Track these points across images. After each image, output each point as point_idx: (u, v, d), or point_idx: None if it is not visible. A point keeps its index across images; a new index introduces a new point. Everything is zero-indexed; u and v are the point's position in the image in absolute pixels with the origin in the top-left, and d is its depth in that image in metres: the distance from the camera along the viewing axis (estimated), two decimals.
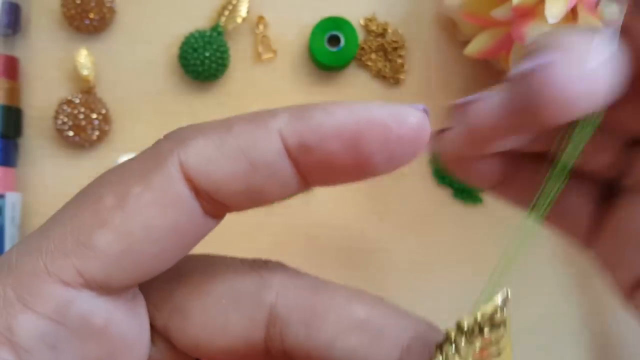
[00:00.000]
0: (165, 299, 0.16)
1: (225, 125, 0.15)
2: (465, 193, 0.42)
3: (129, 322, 0.16)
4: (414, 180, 0.42)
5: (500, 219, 0.42)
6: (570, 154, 0.17)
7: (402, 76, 0.42)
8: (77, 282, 0.14)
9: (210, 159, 0.14)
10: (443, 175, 0.42)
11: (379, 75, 0.42)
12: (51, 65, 0.41)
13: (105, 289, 0.15)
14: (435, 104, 0.43)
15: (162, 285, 0.16)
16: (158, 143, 0.15)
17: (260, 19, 0.41)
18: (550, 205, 0.17)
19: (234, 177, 0.14)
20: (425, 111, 0.15)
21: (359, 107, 0.14)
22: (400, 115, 0.14)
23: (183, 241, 0.15)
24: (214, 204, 0.15)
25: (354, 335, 0.15)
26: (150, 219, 0.14)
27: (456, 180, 0.41)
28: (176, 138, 0.15)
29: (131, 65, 0.41)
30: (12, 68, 0.39)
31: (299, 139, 0.14)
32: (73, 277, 0.14)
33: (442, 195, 0.42)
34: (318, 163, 0.15)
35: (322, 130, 0.14)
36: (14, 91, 0.39)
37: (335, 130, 0.14)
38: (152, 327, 0.17)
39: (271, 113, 0.15)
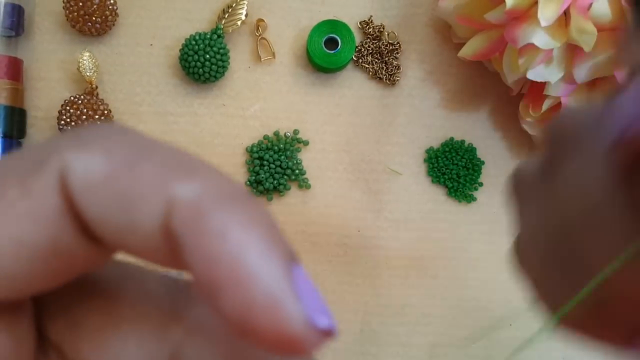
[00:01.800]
0: (61, 310, 0.14)
1: (137, 150, 0.12)
2: (459, 192, 0.42)
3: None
4: (409, 179, 0.42)
5: (492, 217, 0.43)
6: None
7: (398, 77, 0.42)
8: None
9: (93, 186, 0.11)
10: (437, 174, 0.42)
11: (376, 77, 0.42)
12: (54, 66, 0.41)
13: None
14: (430, 104, 0.43)
15: (59, 294, 0.14)
16: (51, 139, 0.12)
17: (260, 21, 0.42)
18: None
19: (108, 223, 0.11)
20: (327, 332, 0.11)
21: (254, 257, 0.10)
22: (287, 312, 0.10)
23: (64, 265, 0.12)
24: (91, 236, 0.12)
25: None
26: (21, 232, 0.11)
27: (449, 179, 0.42)
28: (72, 138, 0.12)
29: (133, 67, 0.42)
30: (16, 69, 0.39)
31: (182, 231, 0.11)
32: None
33: (437, 194, 0.43)
34: (178, 264, 0.12)
35: (209, 244, 0.11)
36: (17, 92, 0.39)
37: (217, 262, 0.11)
38: (47, 339, 0.14)
39: (186, 170, 0.11)
